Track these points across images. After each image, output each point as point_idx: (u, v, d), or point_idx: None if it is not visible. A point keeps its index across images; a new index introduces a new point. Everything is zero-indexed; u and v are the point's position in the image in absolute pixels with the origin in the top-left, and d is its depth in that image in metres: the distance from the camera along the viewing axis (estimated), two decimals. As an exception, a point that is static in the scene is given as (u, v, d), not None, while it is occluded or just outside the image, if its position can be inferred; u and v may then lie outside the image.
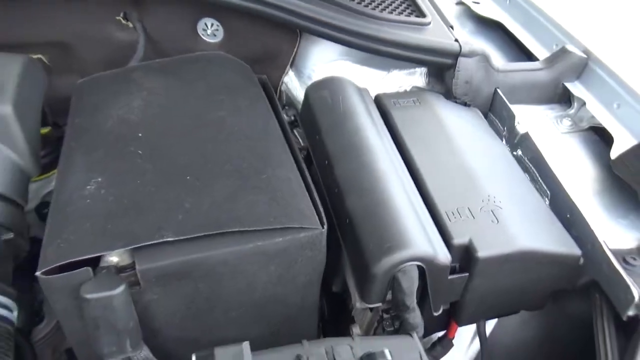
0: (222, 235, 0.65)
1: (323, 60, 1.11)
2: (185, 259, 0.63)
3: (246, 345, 0.59)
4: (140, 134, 0.78)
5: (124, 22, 1.11)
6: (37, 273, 0.59)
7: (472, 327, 0.96)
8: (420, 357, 0.60)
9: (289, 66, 1.16)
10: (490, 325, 0.95)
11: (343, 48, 1.08)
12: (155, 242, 0.62)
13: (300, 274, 0.71)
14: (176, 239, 0.63)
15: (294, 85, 1.14)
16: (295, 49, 1.14)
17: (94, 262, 0.63)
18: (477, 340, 0.96)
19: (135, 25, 1.10)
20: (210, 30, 1.14)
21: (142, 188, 0.69)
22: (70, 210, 0.66)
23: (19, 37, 1.06)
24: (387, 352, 0.58)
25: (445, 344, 0.89)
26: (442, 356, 0.90)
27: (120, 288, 0.61)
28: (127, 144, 0.76)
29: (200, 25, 1.14)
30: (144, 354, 0.67)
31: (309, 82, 1.12)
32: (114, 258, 0.64)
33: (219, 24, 1.13)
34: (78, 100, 0.89)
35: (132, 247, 0.62)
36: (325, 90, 0.90)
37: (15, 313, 0.72)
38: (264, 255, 0.67)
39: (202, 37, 1.15)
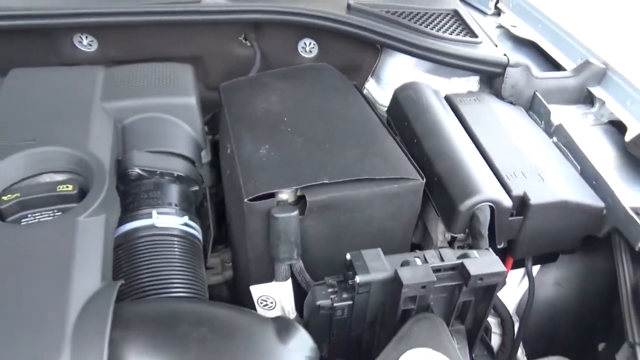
0: (358, 181, 0.95)
1: (398, 70, 1.43)
2: (336, 195, 0.94)
3: (379, 249, 0.89)
4: (285, 118, 1.10)
5: (244, 41, 1.44)
6: (245, 200, 0.91)
7: (519, 273, 1.25)
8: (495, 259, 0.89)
9: (370, 75, 1.48)
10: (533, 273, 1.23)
11: (414, 60, 1.40)
12: (316, 183, 0.93)
13: (405, 214, 1.02)
14: (329, 182, 0.94)
15: (374, 90, 1.46)
16: (376, 62, 1.46)
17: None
18: (525, 281, 1.25)
19: (253, 44, 1.43)
20: (308, 47, 1.46)
21: (298, 151, 1.01)
22: (254, 164, 0.98)
23: (168, 52, 1.39)
24: (475, 252, 0.88)
25: (500, 284, 1.17)
26: (497, 291, 1.18)
27: (296, 212, 0.91)
28: (278, 124, 1.08)
29: (300, 44, 1.46)
30: (300, 264, 0.98)
31: (386, 88, 1.45)
32: (284, 195, 0.95)
33: (315, 42, 1.46)
34: (227, 96, 1.21)
35: (302, 186, 0.93)
36: (410, 91, 1.21)
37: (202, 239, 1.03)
38: (384, 196, 0.97)
39: (301, 53, 1.48)
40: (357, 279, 0.83)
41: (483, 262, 0.86)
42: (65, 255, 0.75)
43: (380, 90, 1.46)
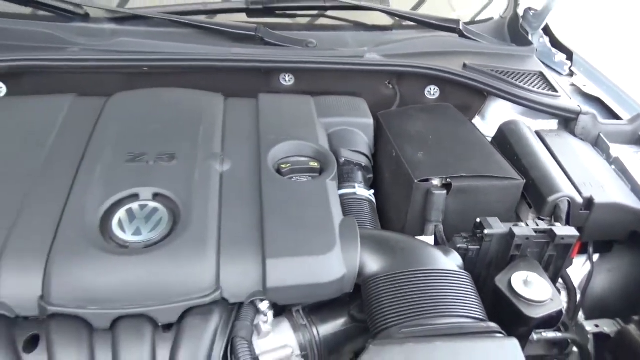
0: (483, 177, 1.52)
1: (499, 112, 2.01)
2: (469, 184, 1.52)
3: (497, 218, 1.44)
4: (430, 137, 1.69)
5: (388, 85, 2.06)
6: (415, 181, 1.49)
7: (582, 260, 1.75)
8: (571, 228, 1.41)
9: (477, 113, 2.06)
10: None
11: (511, 105, 1.96)
12: (458, 175, 1.51)
13: (509, 201, 1.57)
14: (466, 175, 1.51)
15: (479, 124, 2.03)
16: (483, 105, 2.04)
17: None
18: (586, 266, 1.75)
19: (395, 87, 2.04)
20: (432, 92, 2.06)
21: (443, 156, 1.59)
22: (416, 161, 1.57)
23: (338, 88, 1.99)
24: (558, 224, 1.42)
25: (568, 261, 1.69)
26: (566, 269, 1.70)
27: (444, 191, 1.49)
28: (426, 140, 1.68)
29: (427, 89, 2.06)
30: (441, 226, 1.54)
31: (489, 124, 2.02)
32: (436, 181, 1.53)
33: (438, 88, 2.05)
34: (386, 121, 1.82)
35: (449, 176, 1.51)
36: (512, 125, 1.79)
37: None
38: (498, 188, 1.53)
39: (426, 96, 2.06)
40: (486, 231, 1.39)
41: (564, 229, 1.40)
42: (325, 198, 1.35)
43: (484, 124, 2.03)
